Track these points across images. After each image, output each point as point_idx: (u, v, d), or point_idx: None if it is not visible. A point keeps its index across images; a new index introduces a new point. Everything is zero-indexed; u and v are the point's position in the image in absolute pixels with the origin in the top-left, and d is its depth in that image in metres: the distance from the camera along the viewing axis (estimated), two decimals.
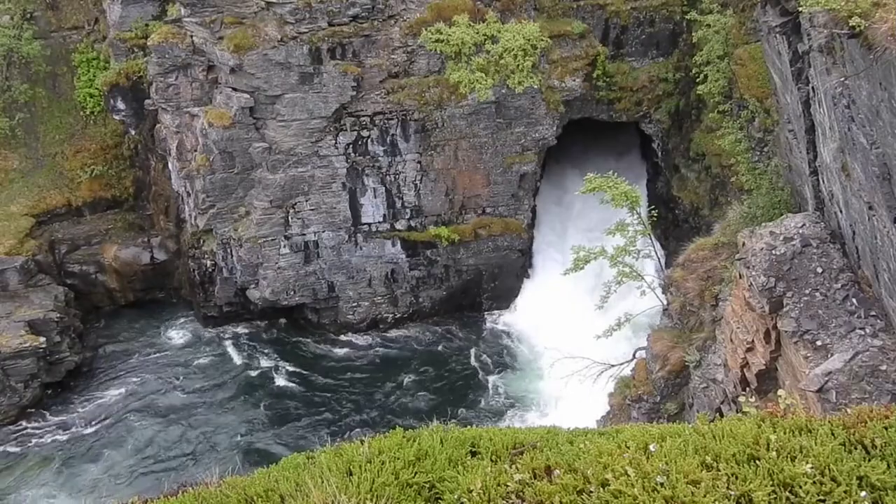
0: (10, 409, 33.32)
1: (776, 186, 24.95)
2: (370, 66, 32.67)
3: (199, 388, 34.98)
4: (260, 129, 33.55)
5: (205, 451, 31.91)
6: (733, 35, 28.89)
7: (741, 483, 5.77)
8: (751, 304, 19.36)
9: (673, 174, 35.94)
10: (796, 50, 19.98)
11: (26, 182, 38.05)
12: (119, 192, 39.07)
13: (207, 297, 37.81)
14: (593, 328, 27.65)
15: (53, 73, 38.65)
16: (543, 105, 34.15)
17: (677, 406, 24.35)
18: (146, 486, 28.65)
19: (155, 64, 33.37)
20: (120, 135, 38.53)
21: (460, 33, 31.27)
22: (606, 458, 6.15)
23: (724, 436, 6.39)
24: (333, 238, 36.07)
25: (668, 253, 33.76)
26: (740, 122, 28.14)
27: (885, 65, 14.79)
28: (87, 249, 38.40)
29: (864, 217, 17.07)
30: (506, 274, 38.12)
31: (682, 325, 25.18)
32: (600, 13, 34.12)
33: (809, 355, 17.63)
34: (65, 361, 34.93)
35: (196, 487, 7.19)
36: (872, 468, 5.91)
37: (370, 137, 34.18)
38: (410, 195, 35.68)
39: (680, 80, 34.43)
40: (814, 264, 18.73)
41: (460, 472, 6.37)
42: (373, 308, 37.85)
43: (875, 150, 15.84)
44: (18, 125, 38.02)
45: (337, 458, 6.93)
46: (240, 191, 34.78)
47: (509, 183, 35.94)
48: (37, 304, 34.95)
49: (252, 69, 32.01)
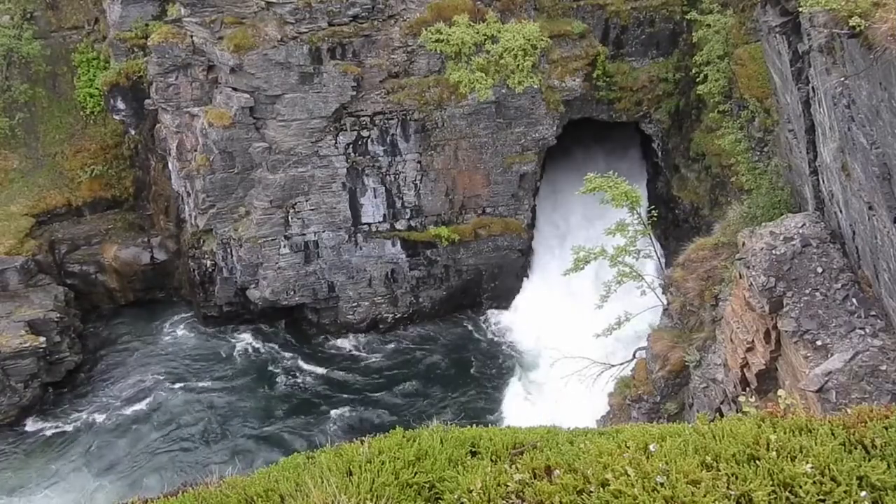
0: (11, 409, 33.34)
1: (776, 186, 24.94)
2: (370, 66, 32.68)
3: (199, 388, 34.98)
4: (260, 128, 33.56)
5: (205, 451, 31.92)
6: (733, 35, 28.89)
7: (741, 483, 5.77)
8: (751, 303, 19.36)
9: (673, 174, 35.94)
10: (796, 50, 19.98)
11: (26, 182, 38.07)
12: (119, 192, 39.09)
13: (207, 297, 37.82)
14: (593, 328, 27.63)
15: (53, 72, 38.66)
16: (543, 105, 34.16)
17: (677, 406, 24.35)
18: (147, 485, 28.67)
19: (155, 64, 33.37)
20: (120, 135, 38.54)
21: (460, 33, 31.27)
22: (606, 458, 6.15)
23: (724, 436, 6.39)
24: (333, 238, 36.07)
25: (668, 253, 33.75)
26: (740, 122, 28.13)
27: (885, 65, 14.79)
28: (87, 249, 38.42)
29: (864, 217, 17.07)
30: (506, 274, 38.13)
31: (682, 325, 25.18)
32: (600, 13, 34.12)
33: (809, 355, 17.63)
34: (65, 361, 34.95)
35: (196, 487, 7.19)
36: (872, 468, 5.91)
37: (370, 137, 34.19)
38: (410, 195, 35.69)
39: (680, 80, 34.43)
40: (814, 264, 18.73)
41: (460, 472, 6.37)
42: (373, 308, 37.86)
43: (875, 150, 15.84)
44: (18, 125, 38.04)
45: (337, 458, 6.93)
46: (240, 191, 34.79)
47: (509, 183, 35.95)
48: (37, 303, 34.95)
49: (252, 69, 32.02)
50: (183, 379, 35.40)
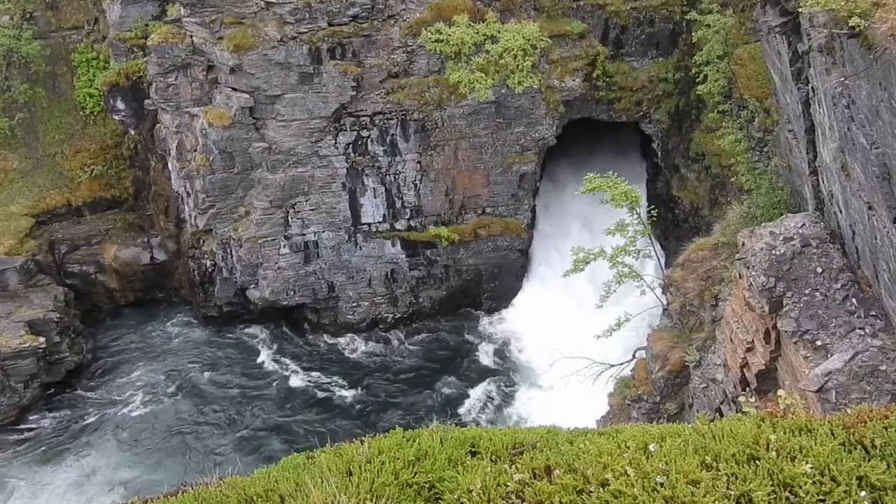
0: (10, 409, 33.33)
1: (776, 186, 24.93)
2: (370, 66, 32.68)
3: (199, 388, 34.99)
4: (260, 129, 33.56)
5: (204, 450, 31.92)
6: (733, 35, 28.88)
7: (741, 483, 5.77)
8: (750, 304, 19.35)
9: (673, 174, 35.94)
10: (796, 50, 19.98)
11: (26, 182, 38.06)
12: (119, 192, 39.08)
13: (207, 297, 37.81)
14: (593, 328, 27.62)
15: (53, 72, 38.66)
16: (543, 105, 34.16)
17: (677, 406, 24.35)
18: (146, 486, 28.67)
19: (155, 64, 33.37)
20: (120, 135, 38.53)
21: (460, 33, 31.27)
22: (606, 458, 6.15)
23: (723, 436, 6.39)
24: (333, 238, 36.07)
25: (667, 253, 33.76)
26: (740, 122, 28.13)
27: (884, 65, 14.79)
28: (86, 249, 38.42)
29: (864, 217, 17.07)
30: (505, 274, 38.13)
31: (681, 325, 25.18)
32: (600, 13, 34.12)
33: (809, 355, 17.63)
34: (65, 361, 34.94)
35: (196, 487, 7.19)
36: (872, 468, 5.91)
37: (370, 137, 34.19)
38: (410, 195, 35.69)
39: (680, 80, 34.43)
40: (813, 264, 18.73)
41: (460, 472, 6.37)
42: (372, 308, 37.86)
43: (875, 150, 15.84)
44: (18, 125, 38.03)
45: (337, 458, 6.93)
46: (239, 191, 34.79)
47: (509, 183, 35.95)
48: (37, 304, 34.95)
49: (252, 69, 32.02)
50: (183, 379, 35.40)
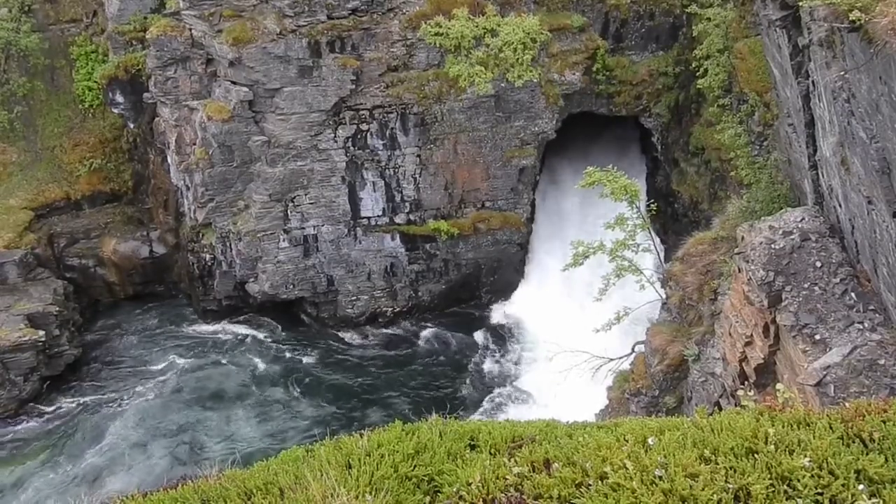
0: (10, 402, 33.38)
1: (775, 181, 24.91)
2: (369, 60, 32.62)
3: (198, 381, 35.00)
4: (259, 122, 33.51)
5: (204, 443, 31.95)
6: (733, 29, 28.82)
7: (739, 476, 5.78)
8: (749, 298, 19.36)
9: (672, 168, 35.92)
10: (796, 44, 19.93)
11: (25, 175, 38.03)
12: (118, 186, 39.07)
13: (206, 290, 37.82)
14: (592, 322, 27.65)
15: (52, 66, 38.59)
16: (543, 99, 34.12)
17: (676, 400, 24.37)
18: (146, 479, 28.70)
19: (153, 57, 33.31)
20: (119, 128, 38.48)
21: (460, 27, 31.22)
22: (605, 452, 6.16)
23: (722, 429, 6.40)
24: (333, 232, 36.06)
25: (667, 247, 33.75)
26: (740, 117, 28.09)
27: (885, 59, 14.76)
28: (86, 243, 38.43)
29: (864, 211, 17.06)
30: (505, 268, 38.14)
31: (680, 319, 25.18)
32: (600, 7, 34.06)
33: (808, 349, 17.64)
34: (64, 355, 34.98)
35: (196, 480, 7.19)
36: (870, 461, 5.92)
37: (369, 131, 34.15)
38: (410, 189, 35.67)
39: (680, 74, 34.38)
40: (813, 258, 18.72)
41: (459, 466, 6.38)
42: (372, 302, 37.87)
43: (875, 145, 15.82)
44: (17, 118, 37.97)
45: (336, 451, 6.94)
46: (239, 184, 34.75)
47: (508, 177, 35.93)
48: (36, 297, 34.95)
49: (251, 62, 31.96)
50: (182, 372, 35.43)
